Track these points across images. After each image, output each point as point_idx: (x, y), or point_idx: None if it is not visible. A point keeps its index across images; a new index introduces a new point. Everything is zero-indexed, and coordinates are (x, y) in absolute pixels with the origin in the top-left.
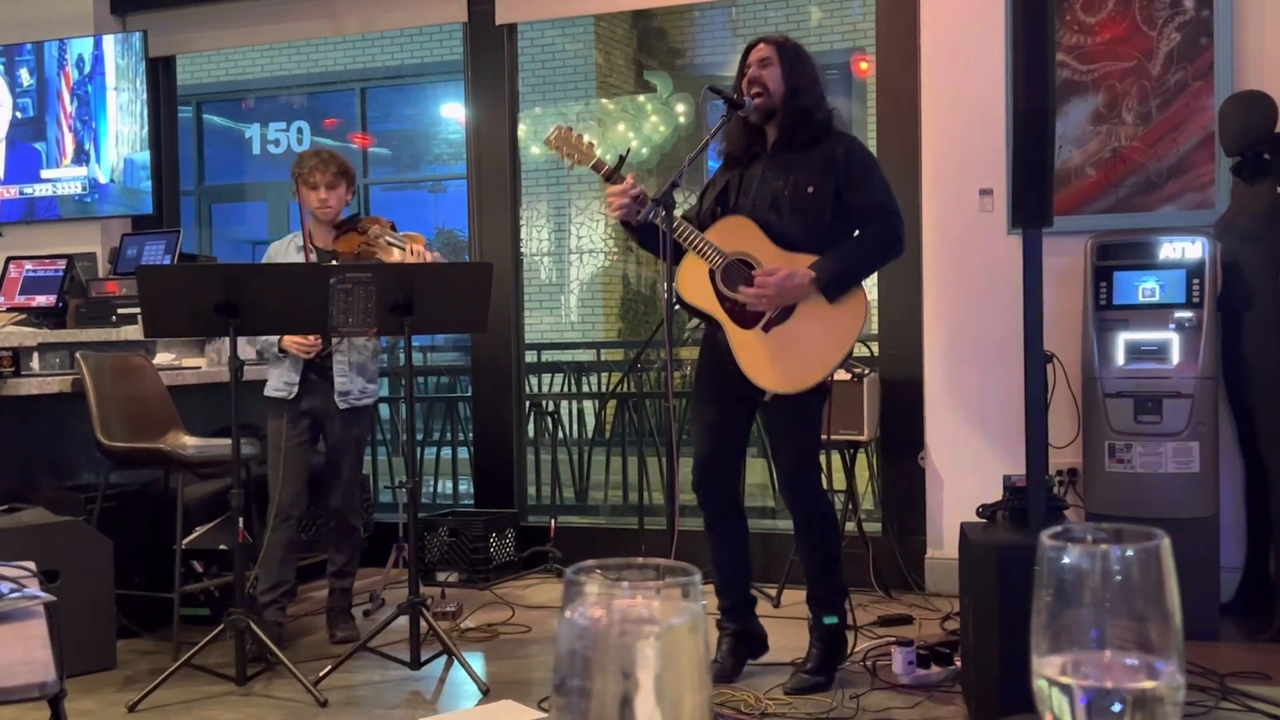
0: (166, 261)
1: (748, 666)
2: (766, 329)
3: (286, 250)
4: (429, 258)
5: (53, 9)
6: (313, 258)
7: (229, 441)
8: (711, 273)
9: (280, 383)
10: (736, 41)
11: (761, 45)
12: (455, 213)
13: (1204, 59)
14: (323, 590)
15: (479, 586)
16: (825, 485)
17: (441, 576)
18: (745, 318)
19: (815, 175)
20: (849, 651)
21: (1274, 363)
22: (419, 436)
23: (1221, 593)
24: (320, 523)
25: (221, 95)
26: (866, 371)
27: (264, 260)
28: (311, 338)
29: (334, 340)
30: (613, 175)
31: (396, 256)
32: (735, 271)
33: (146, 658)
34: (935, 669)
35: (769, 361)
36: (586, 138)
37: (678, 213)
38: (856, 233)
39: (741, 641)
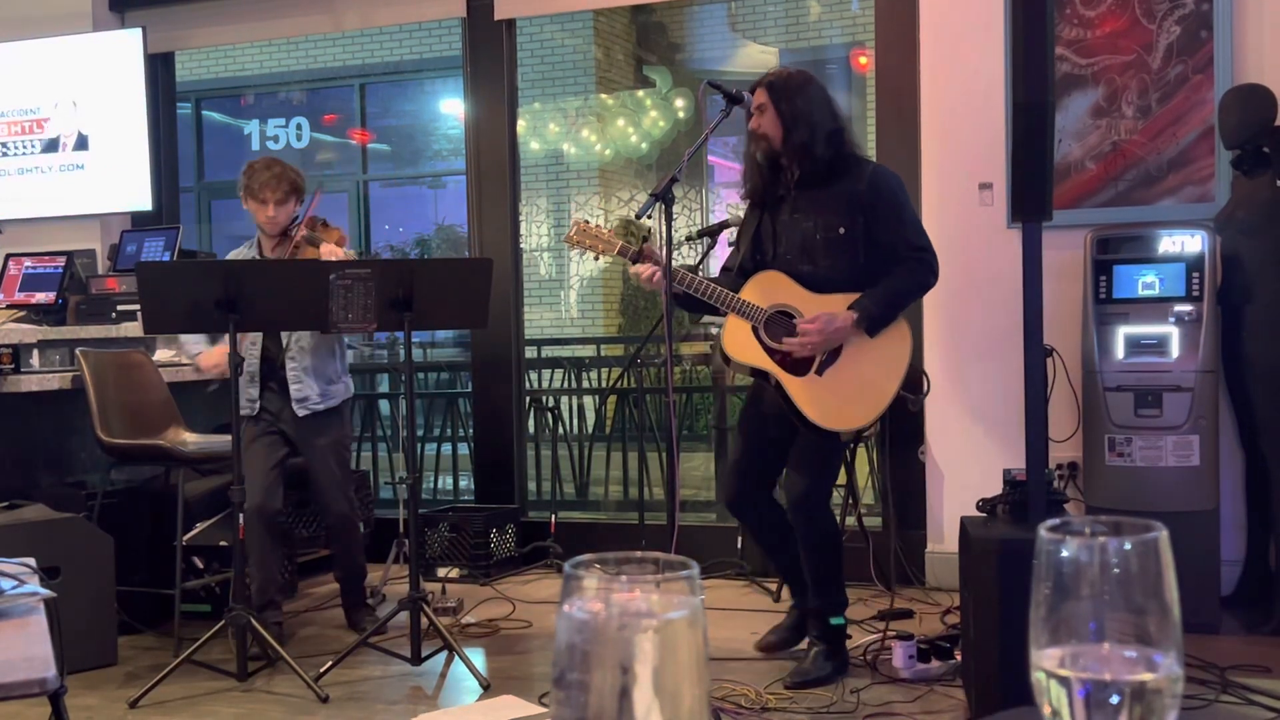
0: (166, 258)
1: (747, 661)
2: (820, 372)
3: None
4: (341, 254)
5: (52, 6)
6: None
7: (229, 438)
8: (754, 329)
9: (244, 399)
10: (735, 37)
11: (758, 91)
12: (455, 208)
13: (1204, 52)
14: (322, 587)
15: (480, 582)
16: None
17: (442, 572)
18: (797, 365)
19: (843, 214)
20: (848, 651)
21: (1274, 356)
22: (419, 432)
23: (1222, 586)
24: (318, 522)
25: (220, 92)
26: None
27: None
28: (218, 351)
29: (283, 344)
30: (638, 258)
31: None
32: (776, 323)
33: (148, 654)
34: (936, 663)
35: (835, 403)
36: (605, 226)
37: (682, 237)
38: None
39: (805, 622)
